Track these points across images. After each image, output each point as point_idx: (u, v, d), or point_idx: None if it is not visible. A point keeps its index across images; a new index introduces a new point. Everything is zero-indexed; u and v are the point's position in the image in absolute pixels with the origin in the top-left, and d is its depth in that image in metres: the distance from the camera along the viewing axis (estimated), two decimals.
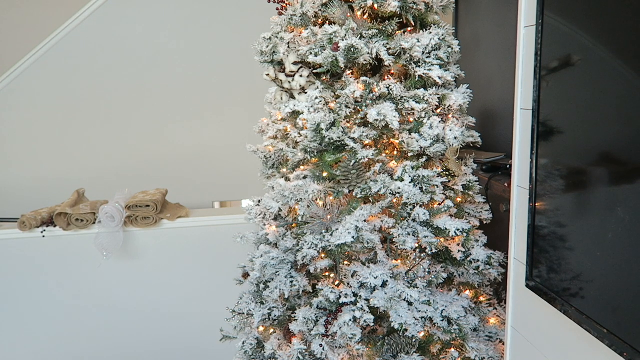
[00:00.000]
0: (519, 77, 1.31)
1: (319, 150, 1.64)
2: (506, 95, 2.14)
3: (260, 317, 1.79)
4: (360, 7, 1.60)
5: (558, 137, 1.13)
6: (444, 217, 1.59)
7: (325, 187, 1.62)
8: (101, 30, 4.16)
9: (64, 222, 2.76)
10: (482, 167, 2.02)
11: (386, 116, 1.52)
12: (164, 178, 4.21)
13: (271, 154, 2.02)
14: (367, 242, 1.52)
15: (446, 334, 1.62)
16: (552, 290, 1.15)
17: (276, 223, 1.83)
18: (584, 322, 1.03)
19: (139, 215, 2.79)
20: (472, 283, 1.78)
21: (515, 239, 1.37)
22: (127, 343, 2.97)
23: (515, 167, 1.36)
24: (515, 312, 1.41)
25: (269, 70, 1.87)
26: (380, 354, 1.61)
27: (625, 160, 0.92)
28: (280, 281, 1.69)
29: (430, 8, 1.64)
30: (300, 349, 1.63)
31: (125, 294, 2.92)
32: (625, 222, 0.91)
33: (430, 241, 1.56)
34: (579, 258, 1.06)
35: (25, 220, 2.75)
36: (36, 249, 2.80)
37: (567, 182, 1.09)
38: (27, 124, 4.24)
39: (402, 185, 1.55)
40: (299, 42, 1.72)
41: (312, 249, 1.55)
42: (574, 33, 1.05)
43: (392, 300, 1.54)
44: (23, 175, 4.28)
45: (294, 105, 1.73)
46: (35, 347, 2.91)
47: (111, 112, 4.30)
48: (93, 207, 2.78)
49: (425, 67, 1.56)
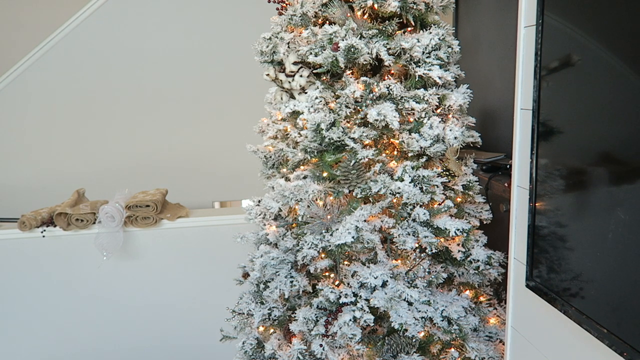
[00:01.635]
0: (519, 77, 1.31)
1: (319, 150, 1.64)
2: (506, 95, 2.14)
3: (260, 317, 1.79)
4: (360, 7, 1.60)
5: (558, 137, 1.12)
6: (444, 217, 1.59)
7: (325, 187, 1.62)
8: (101, 31, 4.16)
9: (64, 222, 2.76)
10: (482, 167, 2.02)
11: (386, 116, 1.52)
12: (164, 178, 4.21)
13: (271, 154, 2.02)
14: (367, 242, 1.52)
15: (446, 334, 1.62)
16: (552, 290, 1.15)
17: (276, 223, 1.83)
18: (584, 322, 1.03)
19: (139, 215, 2.79)
20: (472, 283, 1.78)
21: (515, 239, 1.37)
22: (127, 343, 2.97)
23: (515, 167, 1.36)
24: (515, 312, 1.41)
25: (269, 70, 1.87)
26: (380, 354, 1.61)
27: (625, 160, 0.92)
28: (280, 281, 1.69)
29: (430, 8, 1.64)
30: (300, 349, 1.63)
31: (125, 294, 2.92)
32: (625, 222, 0.91)
33: (430, 241, 1.56)
34: (579, 258, 1.06)
35: (25, 220, 2.75)
36: (36, 249, 2.80)
37: (567, 182, 1.09)
38: (27, 124, 4.25)
39: (402, 185, 1.55)
40: (299, 42, 1.72)
41: (312, 249, 1.55)
42: (574, 33, 1.05)
43: (392, 300, 1.54)
44: (23, 175, 4.29)
45: (294, 105, 1.73)
46: (35, 347, 2.91)
47: (111, 112, 4.31)
48: (93, 207, 2.78)
49: (425, 67, 1.56)
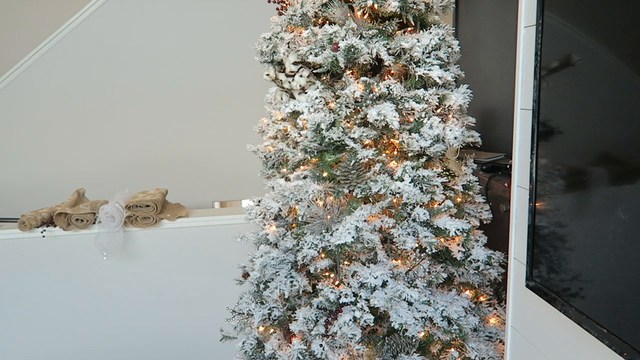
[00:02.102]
0: (519, 77, 1.31)
1: (319, 150, 1.64)
2: (506, 95, 2.14)
3: (260, 317, 1.79)
4: (360, 7, 1.60)
5: (558, 137, 1.12)
6: (444, 217, 1.59)
7: (325, 187, 1.62)
8: (102, 31, 4.16)
9: (64, 222, 2.76)
10: (482, 167, 2.02)
11: (386, 116, 1.52)
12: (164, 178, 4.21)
13: (271, 154, 2.02)
14: (367, 242, 1.52)
15: (446, 334, 1.62)
16: (552, 290, 1.15)
17: (276, 223, 1.83)
18: (584, 322, 1.03)
19: (139, 215, 2.78)
20: (472, 283, 1.78)
21: (515, 239, 1.37)
22: (127, 343, 2.97)
23: (515, 167, 1.36)
24: (515, 312, 1.41)
25: (269, 70, 1.87)
26: (380, 354, 1.61)
27: (625, 160, 0.92)
28: (280, 281, 1.69)
29: (430, 8, 1.64)
30: (300, 349, 1.63)
31: (125, 294, 2.92)
32: (625, 222, 0.91)
33: (430, 241, 1.56)
34: (579, 258, 1.06)
35: (25, 220, 2.75)
36: (36, 249, 2.80)
37: (567, 182, 1.09)
38: (27, 124, 4.25)
39: (402, 185, 1.55)
40: (299, 42, 1.72)
41: (312, 249, 1.55)
42: (574, 33, 1.05)
43: (392, 300, 1.54)
44: (23, 175, 4.29)
45: (294, 105, 1.73)
46: (35, 347, 2.91)
47: (112, 112, 4.31)
48: (93, 207, 2.78)
49: (425, 67, 1.56)
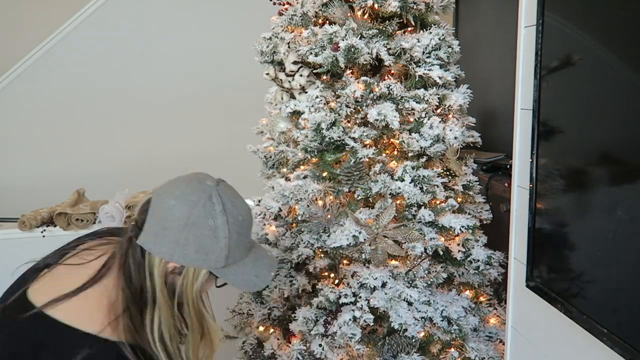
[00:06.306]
0: (519, 77, 1.30)
1: (319, 149, 1.64)
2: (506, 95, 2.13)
3: (260, 316, 1.79)
4: (360, 7, 1.60)
5: (558, 137, 1.12)
6: (448, 216, 1.59)
7: (325, 187, 1.62)
8: (102, 31, 4.16)
9: (64, 222, 2.76)
10: (482, 167, 2.02)
11: (386, 116, 1.52)
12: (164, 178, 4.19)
13: (271, 154, 2.01)
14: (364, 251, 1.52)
15: (446, 334, 1.62)
16: (552, 290, 1.15)
17: (276, 223, 1.83)
18: (584, 322, 1.03)
19: None
20: (472, 283, 1.78)
21: (515, 239, 1.37)
22: None
23: (515, 167, 1.36)
24: (515, 312, 1.41)
25: (268, 70, 1.87)
26: (380, 354, 1.61)
27: (625, 160, 0.92)
28: (280, 281, 1.69)
29: (430, 8, 1.64)
30: (300, 348, 1.63)
31: None
32: (626, 222, 0.91)
33: (436, 244, 1.56)
34: (579, 258, 1.06)
35: (25, 220, 2.74)
36: (36, 249, 2.79)
37: (568, 182, 1.09)
38: (27, 124, 4.24)
39: (403, 185, 1.55)
40: (299, 42, 1.72)
41: (307, 247, 1.56)
42: (574, 33, 1.05)
43: (392, 300, 1.54)
44: (23, 175, 4.28)
45: (294, 105, 1.73)
46: None
47: (112, 112, 4.30)
48: (93, 207, 2.78)
49: (426, 67, 1.56)
